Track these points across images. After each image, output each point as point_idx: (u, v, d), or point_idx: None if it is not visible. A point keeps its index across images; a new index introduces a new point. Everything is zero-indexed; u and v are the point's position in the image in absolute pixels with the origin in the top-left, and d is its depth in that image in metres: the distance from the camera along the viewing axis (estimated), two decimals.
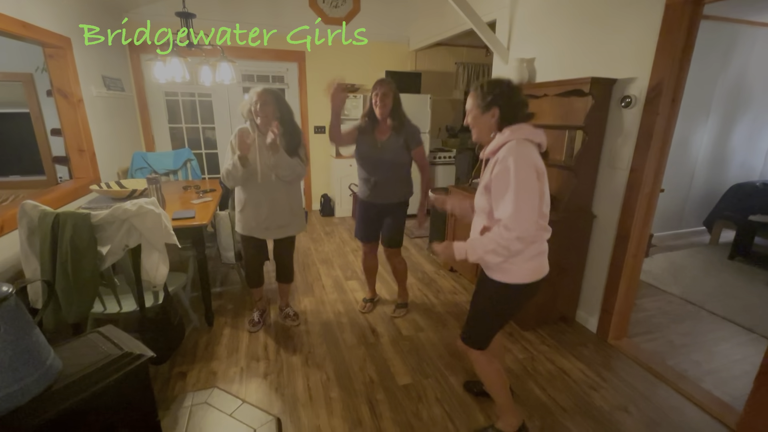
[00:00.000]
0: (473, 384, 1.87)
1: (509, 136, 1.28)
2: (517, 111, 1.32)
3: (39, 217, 1.58)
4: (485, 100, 1.31)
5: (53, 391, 0.90)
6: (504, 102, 1.30)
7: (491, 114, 1.32)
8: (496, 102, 1.30)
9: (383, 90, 2.06)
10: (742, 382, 1.89)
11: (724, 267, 3.33)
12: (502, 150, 1.28)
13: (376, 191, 2.24)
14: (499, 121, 1.32)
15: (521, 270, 1.34)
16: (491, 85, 1.32)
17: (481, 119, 1.35)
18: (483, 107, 1.33)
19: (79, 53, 2.89)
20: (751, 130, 3.97)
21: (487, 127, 1.35)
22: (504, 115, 1.31)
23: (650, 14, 1.91)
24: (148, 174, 2.50)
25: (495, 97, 1.30)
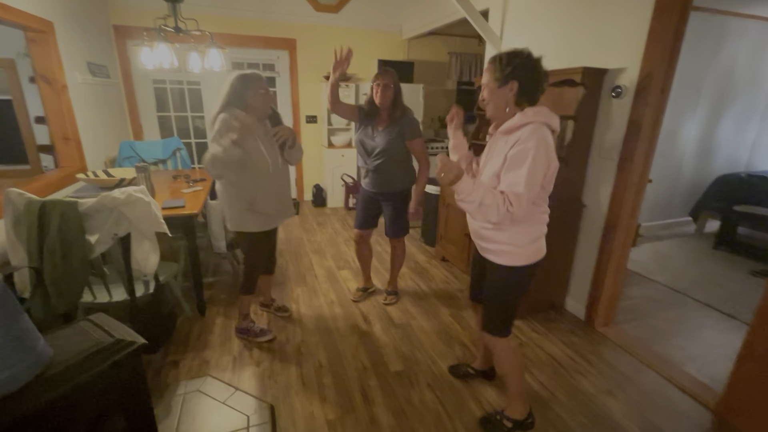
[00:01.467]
0: (458, 367, 1.91)
1: (532, 118, 1.23)
2: (537, 84, 1.26)
3: (25, 205, 1.55)
4: (503, 72, 1.24)
5: (44, 378, 0.90)
6: (524, 74, 1.23)
7: (509, 87, 1.25)
8: (514, 74, 1.23)
9: (384, 81, 2.05)
10: (722, 366, 1.95)
11: (708, 256, 3.41)
12: (523, 131, 1.23)
13: (372, 179, 2.26)
14: (516, 95, 1.26)
15: (526, 252, 1.36)
16: (510, 56, 1.24)
17: (497, 93, 1.28)
18: (501, 80, 1.25)
19: (63, 38, 2.81)
20: (737, 122, 4.03)
21: (503, 102, 1.28)
22: (523, 89, 1.24)
23: (641, 5, 1.92)
24: (137, 163, 2.46)
25: (514, 68, 1.23)
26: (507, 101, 1.28)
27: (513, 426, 1.57)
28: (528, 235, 1.35)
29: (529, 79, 1.24)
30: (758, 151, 4.27)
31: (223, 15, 4.12)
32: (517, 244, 1.35)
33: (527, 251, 1.36)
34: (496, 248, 1.39)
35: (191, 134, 4.59)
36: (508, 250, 1.36)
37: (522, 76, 1.23)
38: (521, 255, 1.36)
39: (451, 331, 2.29)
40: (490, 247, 1.41)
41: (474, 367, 1.89)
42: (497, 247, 1.39)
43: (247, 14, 4.20)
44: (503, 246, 1.37)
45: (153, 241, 1.71)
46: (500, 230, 1.35)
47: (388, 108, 2.12)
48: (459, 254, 2.99)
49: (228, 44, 3.97)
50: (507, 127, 1.28)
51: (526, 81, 1.24)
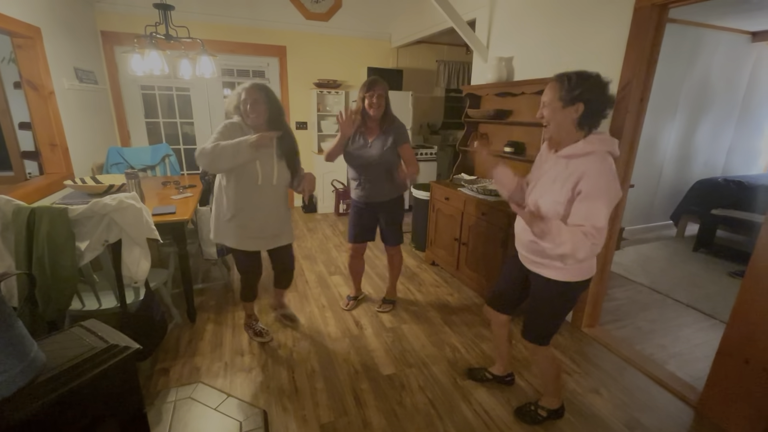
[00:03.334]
0: (477, 371, 1.92)
1: (597, 146, 1.22)
2: (603, 109, 1.24)
3: (13, 212, 1.54)
4: (571, 93, 1.21)
5: (37, 383, 0.90)
6: (592, 97, 1.21)
7: (575, 109, 1.23)
8: (583, 96, 1.20)
9: (379, 92, 2.05)
10: (703, 364, 2.02)
11: (688, 258, 3.53)
12: (588, 160, 1.21)
13: (367, 190, 2.23)
14: (580, 118, 1.23)
15: (580, 269, 1.37)
16: (581, 77, 1.22)
17: (561, 113, 1.25)
18: (567, 100, 1.23)
19: (50, 44, 2.79)
20: (713, 129, 4.20)
21: (567, 123, 1.26)
22: (588, 112, 1.22)
23: (620, 17, 2.01)
24: (126, 169, 2.44)
25: (584, 91, 1.20)
26: (571, 122, 1.25)
27: (548, 415, 1.65)
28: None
29: (596, 103, 1.22)
30: (734, 157, 4.45)
31: (213, 22, 4.14)
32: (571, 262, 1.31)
33: (579, 268, 1.36)
34: (548, 263, 1.38)
35: (180, 140, 4.56)
36: (561, 265, 1.35)
37: (589, 99, 1.21)
38: (573, 271, 1.36)
39: (441, 334, 2.32)
40: (543, 261, 1.40)
41: (492, 372, 1.88)
42: (550, 263, 1.37)
43: (237, 21, 4.23)
44: (556, 261, 1.34)
45: (144, 248, 1.71)
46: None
47: (378, 118, 2.12)
48: (448, 258, 3.04)
49: (218, 51, 3.99)
50: (569, 153, 1.26)
51: (594, 104, 1.22)
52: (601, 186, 1.19)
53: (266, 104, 1.85)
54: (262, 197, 1.88)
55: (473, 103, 3.13)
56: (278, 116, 1.91)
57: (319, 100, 4.70)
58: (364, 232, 2.40)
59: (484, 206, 2.53)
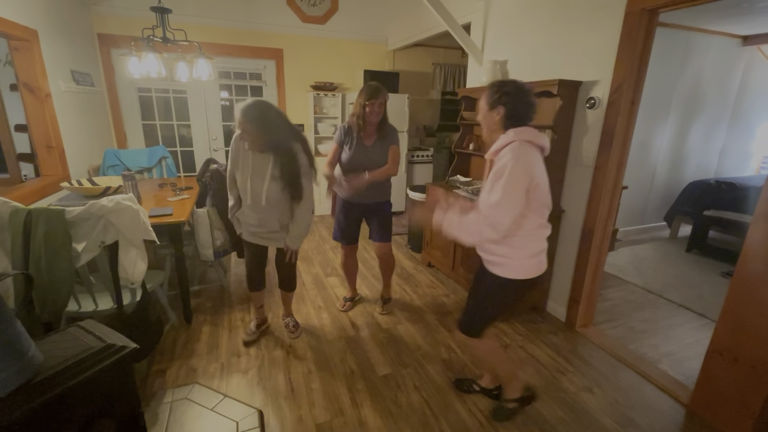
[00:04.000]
0: (464, 382, 1.88)
1: (513, 137, 1.32)
2: (522, 112, 1.35)
3: (10, 214, 1.54)
4: (492, 97, 1.35)
5: (35, 382, 0.91)
6: (509, 101, 1.33)
7: (496, 112, 1.35)
8: (501, 101, 1.34)
9: (381, 101, 2.07)
10: (694, 363, 2.05)
11: (681, 259, 3.57)
12: (506, 149, 1.31)
13: (365, 193, 2.22)
14: (503, 120, 1.35)
15: (522, 266, 1.40)
16: (500, 84, 1.36)
17: (487, 116, 1.39)
18: (490, 104, 1.36)
19: (47, 46, 2.80)
20: (705, 132, 4.25)
21: (492, 125, 1.39)
22: (508, 114, 1.34)
23: (612, 21, 2.05)
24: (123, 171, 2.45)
25: (502, 95, 1.34)
26: (495, 124, 1.38)
27: (517, 404, 1.68)
28: (523, 250, 1.39)
29: (514, 107, 1.34)
30: (726, 159, 4.50)
31: (210, 24, 4.15)
32: (511, 257, 1.39)
33: (522, 265, 1.40)
34: (494, 260, 1.43)
35: (177, 143, 4.56)
36: (504, 262, 1.41)
37: (508, 102, 1.33)
38: (515, 268, 1.41)
39: (437, 334, 2.33)
40: (490, 258, 1.46)
41: (480, 385, 1.85)
42: (496, 259, 1.43)
43: (234, 24, 4.24)
44: (500, 258, 1.41)
45: (141, 249, 1.72)
46: (497, 243, 1.39)
47: (376, 124, 2.15)
48: (444, 260, 3.06)
49: (215, 53, 4.00)
50: (494, 150, 1.37)
51: (512, 107, 1.33)
52: (504, 168, 1.27)
53: (255, 132, 1.74)
54: (256, 208, 1.92)
55: (468, 106, 3.16)
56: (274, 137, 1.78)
57: (315, 102, 4.73)
58: (356, 232, 2.43)
59: None
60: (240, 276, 3.06)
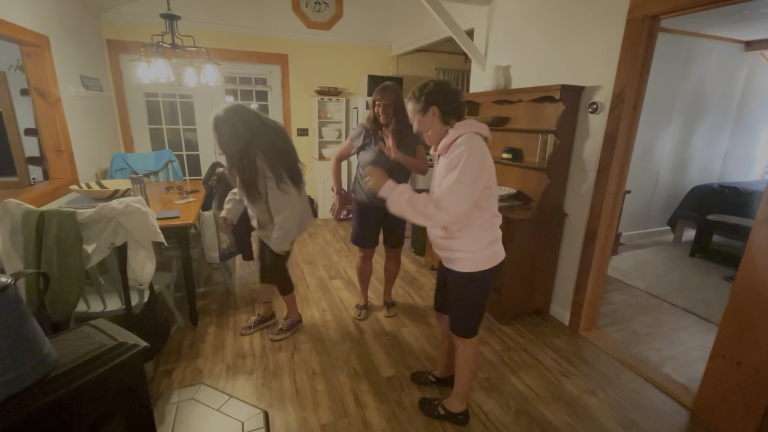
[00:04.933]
0: (420, 375, 1.96)
1: (461, 130, 1.35)
2: (453, 103, 1.38)
3: (23, 215, 1.58)
4: (420, 102, 1.38)
5: (50, 378, 0.93)
6: (437, 98, 1.37)
7: (431, 113, 1.38)
8: (430, 101, 1.37)
9: (386, 101, 2.05)
10: (698, 366, 2.05)
11: (685, 263, 3.56)
12: (458, 141, 1.34)
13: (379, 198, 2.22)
14: (442, 117, 1.38)
15: (480, 257, 1.43)
16: (420, 87, 1.40)
17: (425, 121, 1.41)
18: (421, 109, 1.39)
19: (58, 52, 2.85)
20: (709, 136, 4.26)
21: (433, 126, 1.41)
22: (444, 110, 1.37)
23: (614, 27, 2.07)
24: (131, 174, 2.49)
25: (428, 96, 1.37)
26: (436, 124, 1.40)
27: (445, 415, 1.69)
28: (480, 241, 1.42)
29: (444, 101, 1.37)
30: (729, 163, 4.50)
31: (217, 30, 4.22)
32: (470, 250, 1.42)
33: (482, 256, 1.43)
34: (452, 256, 1.46)
35: (183, 146, 4.62)
36: (463, 256, 1.44)
37: (437, 100, 1.37)
38: (476, 261, 1.43)
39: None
40: (448, 255, 1.49)
41: (435, 375, 1.93)
42: (453, 255, 1.46)
43: (240, 30, 4.31)
44: (458, 253, 1.44)
45: (149, 250, 1.75)
46: (453, 238, 1.43)
47: (392, 124, 2.10)
48: None
49: (221, 59, 4.06)
50: (443, 145, 1.39)
51: (444, 104, 1.37)
52: (459, 158, 1.29)
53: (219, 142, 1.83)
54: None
55: (472, 111, 3.19)
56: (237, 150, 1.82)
57: (320, 107, 4.77)
58: (375, 236, 2.39)
59: None
60: (245, 278, 3.09)
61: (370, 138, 2.17)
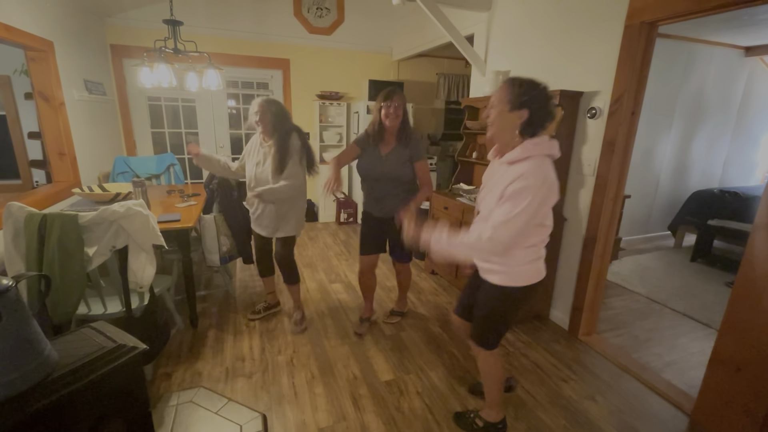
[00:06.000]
0: (478, 386, 1.89)
1: (532, 151, 1.24)
2: (545, 119, 1.27)
3: (26, 218, 1.59)
4: (519, 98, 1.24)
5: (50, 379, 0.94)
6: (537, 106, 1.24)
7: (519, 115, 1.25)
8: (529, 104, 1.23)
9: (396, 103, 1.98)
10: (698, 372, 2.04)
11: (686, 268, 3.55)
12: (524, 165, 1.23)
13: (381, 205, 2.16)
14: (523, 125, 1.26)
15: (520, 273, 1.37)
16: (529, 85, 1.24)
17: (506, 117, 1.27)
18: (514, 105, 1.25)
19: (62, 57, 2.89)
20: (710, 141, 4.27)
21: (509, 127, 1.28)
22: (530, 121, 1.25)
23: (612, 33, 2.09)
24: (133, 178, 2.51)
25: (531, 99, 1.23)
26: (513, 127, 1.27)
27: (483, 426, 1.64)
28: (522, 257, 1.35)
29: (539, 112, 1.25)
30: (730, 169, 4.50)
31: (219, 36, 4.26)
32: (509, 264, 1.36)
33: (521, 271, 1.37)
34: (489, 267, 1.41)
35: (185, 150, 4.64)
36: (501, 269, 1.38)
37: (534, 108, 1.24)
38: (514, 275, 1.37)
39: (439, 341, 2.35)
40: (485, 266, 1.43)
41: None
42: (491, 267, 1.40)
43: (242, 35, 4.35)
44: (496, 265, 1.38)
45: (150, 253, 1.76)
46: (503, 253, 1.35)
47: (396, 131, 2.05)
48: (447, 267, 3.07)
49: (223, 63, 4.10)
50: (510, 159, 1.27)
51: (537, 113, 1.24)
52: (524, 192, 1.20)
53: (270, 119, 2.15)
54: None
55: (472, 115, 3.21)
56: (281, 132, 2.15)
57: (321, 111, 4.80)
58: (379, 245, 2.30)
59: None
60: (245, 281, 3.10)
61: (370, 144, 2.10)
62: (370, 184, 2.18)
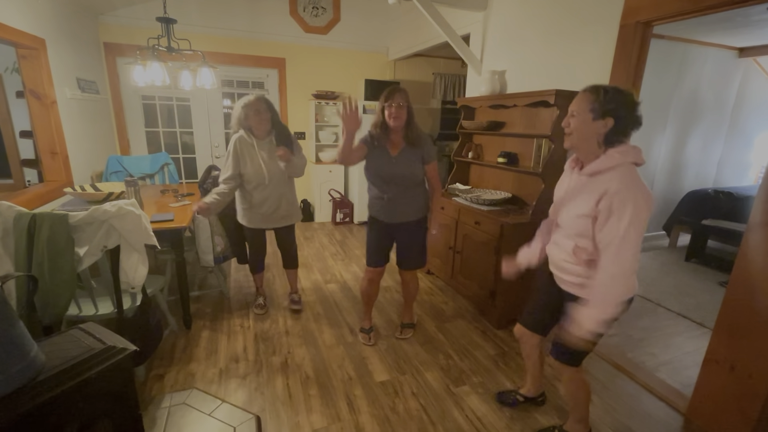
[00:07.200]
0: (507, 395, 1.83)
1: (619, 160, 1.18)
2: (630, 128, 1.21)
3: (15, 218, 1.57)
4: (605, 106, 1.19)
5: (37, 382, 0.92)
6: (623, 114, 1.19)
7: (604, 123, 1.20)
8: (615, 112, 1.18)
9: (398, 101, 1.90)
10: (692, 372, 2.04)
11: (680, 268, 3.57)
12: (612, 174, 1.18)
13: (389, 209, 2.04)
14: (607, 134, 1.20)
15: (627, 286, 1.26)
16: (617, 91, 1.20)
17: (590, 126, 1.22)
18: (599, 113, 1.20)
19: (54, 55, 2.86)
20: (704, 141, 4.29)
21: (592, 136, 1.23)
22: (616, 129, 1.19)
23: (607, 33, 2.09)
24: (126, 177, 2.49)
25: (617, 106, 1.18)
26: (597, 136, 1.22)
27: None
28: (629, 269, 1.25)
29: (625, 120, 1.20)
30: (724, 169, 4.53)
31: (214, 34, 4.23)
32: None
33: (628, 285, 1.26)
34: (587, 282, 1.30)
35: (179, 150, 4.61)
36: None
37: (621, 116, 1.19)
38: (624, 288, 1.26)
39: (435, 342, 2.34)
40: (579, 281, 1.33)
41: (523, 394, 1.81)
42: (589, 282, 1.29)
43: (238, 34, 4.32)
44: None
45: (142, 253, 1.74)
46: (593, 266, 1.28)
47: (401, 130, 1.97)
48: (443, 267, 3.07)
49: (219, 62, 4.07)
50: (593, 170, 1.23)
51: (623, 122, 1.19)
52: (627, 200, 1.15)
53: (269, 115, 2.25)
54: (272, 190, 2.32)
55: (468, 115, 3.21)
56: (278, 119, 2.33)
57: (317, 110, 4.79)
58: (385, 255, 2.20)
59: (478, 215, 2.57)
60: (240, 282, 3.08)
61: (376, 144, 2.01)
62: (380, 187, 2.05)
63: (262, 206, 2.33)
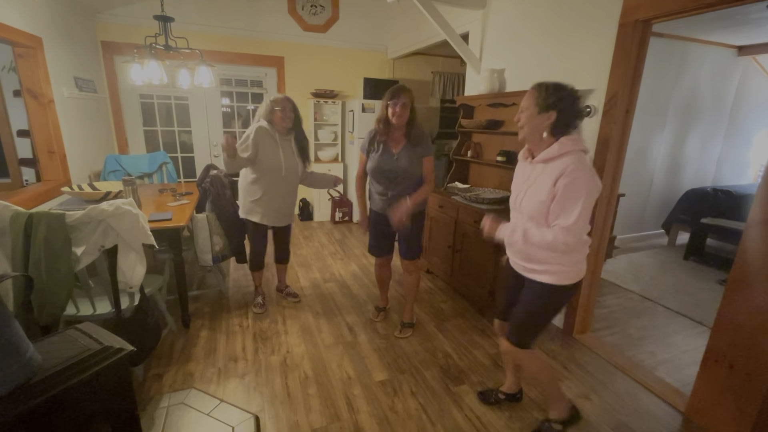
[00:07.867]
0: (488, 394, 1.85)
1: (570, 147, 1.29)
2: (573, 119, 1.33)
3: (11, 218, 1.56)
4: (546, 101, 1.31)
5: (33, 383, 0.92)
6: (564, 107, 1.30)
7: (548, 116, 1.31)
8: (556, 105, 1.30)
9: (403, 101, 1.96)
10: (691, 370, 2.04)
11: (679, 266, 3.57)
12: (565, 160, 1.28)
13: (393, 204, 2.10)
14: (552, 125, 1.32)
15: (571, 272, 1.40)
16: (556, 87, 1.32)
17: (535, 119, 1.34)
18: (542, 107, 1.32)
19: (51, 53, 2.84)
20: (703, 139, 4.29)
21: (540, 128, 1.34)
22: (560, 120, 1.31)
23: (606, 32, 2.08)
24: (124, 176, 2.47)
25: (557, 100, 1.30)
26: (542, 129, 1.34)
27: (563, 426, 1.64)
28: (577, 254, 1.40)
29: (567, 113, 1.31)
30: (723, 167, 4.53)
31: (212, 32, 4.21)
32: (566, 263, 1.39)
33: (573, 271, 1.41)
34: (542, 268, 1.41)
35: (178, 149, 4.60)
36: (557, 269, 1.39)
37: (562, 108, 1.30)
38: (569, 273, 1.40)
39: (434, 340, 2.34)
40: (536, 267, 1.43)
41: (504, 391, 1.83)
42: (545, 267, 1.41)
43: (236, 32, 4.31)
44: (552, 266, 1.40)
45: (140, 253, 1.73)
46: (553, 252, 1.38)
47: (403, 128, 2.04)
48: (442, 266, 3.07)
49: (217, 61, 4.06)
50: (545, 157, 1.34)
51: (565, 114, 1.31)
52: (578, 184, 1.26)
53: (293, 117, 2.36)
54: (285, 185, 2.40)
55: (467, 114, 3.20)
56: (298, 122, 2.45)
57: (316, 109, 4.77)
58: (388, 245, 2.34)
59: (477, 214, 2.57)
60: (238, 281, 3.07)
61: (375, 143, 2.10)
62: (383, 184, 2.14)
63: (276, 201, 2.39)
